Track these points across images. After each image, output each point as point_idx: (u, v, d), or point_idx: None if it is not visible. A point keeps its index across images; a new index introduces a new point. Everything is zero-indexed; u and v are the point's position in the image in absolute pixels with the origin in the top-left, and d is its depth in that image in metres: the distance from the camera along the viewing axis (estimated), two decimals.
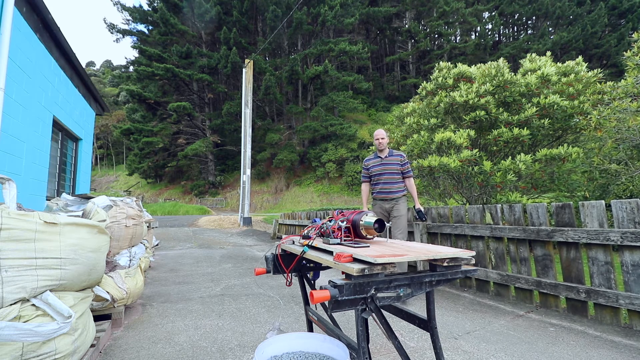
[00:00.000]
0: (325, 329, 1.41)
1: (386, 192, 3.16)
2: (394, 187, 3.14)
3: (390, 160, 3.19)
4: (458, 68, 5.27)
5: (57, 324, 1.34)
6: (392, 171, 3.16)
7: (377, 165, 3.23)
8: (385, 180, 3.17)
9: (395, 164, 3.17)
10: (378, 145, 3.22)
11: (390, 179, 3.16)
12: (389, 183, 3.15)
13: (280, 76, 32.14)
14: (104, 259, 1.82)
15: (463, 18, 37.59)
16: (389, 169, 3.17)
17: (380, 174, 3.20)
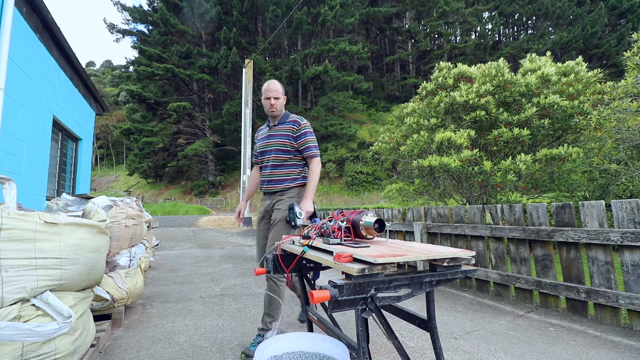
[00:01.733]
0: (325, 329, 1.41)
1: (268, 182, 2.07)
2: (278, 173, 2.04)
3: (277, 130, 2.06)
4: (458, 68, 5.27)
5: (57, 324, 1.34)
6: (279, 148, 2.03)
7: (263, 139, 2.13)
8: (268, 163, 2.07)
9: (284, 137, 2.02)
10: (269, 108, 2.06)
11: (276, 159, 2.04)
12: (272, 167, 2.06)
13: (280, 76, 32.11)
14: (104, 259, 1.82)
15: (463, 18, 37.58)
16: (274, 143, 2.04)
17: (264, 152, 2.10)
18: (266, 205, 2.09)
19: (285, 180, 2.03)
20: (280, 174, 2.04)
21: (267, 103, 2.05)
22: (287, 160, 2.05)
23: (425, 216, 3.80)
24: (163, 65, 29.35)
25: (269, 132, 2.11)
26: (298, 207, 1.77)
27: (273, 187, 2.05)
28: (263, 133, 2.17)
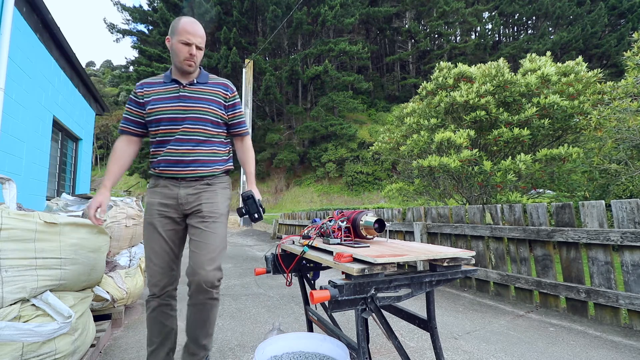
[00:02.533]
0: (325, 329, 1.41)
1: (183, 163, 1.47)
2: (203, 151, 1.50)
3: (198, 92, 1.50)
4: (458, 68, 5.28)
5: (57, 324, 1.34)
6: (206, 117, 1.50)
7: (170, 100, 1.47)
8: (183, 134, 1.47)
9: (212, 103, 1.52)
10: (185, 59, 1.44)
11: (199, 132, 1.49)
12: (192, 142, 1.48)
13: (280, 76, 32.13)
14: (104, 259, 1.82)
15: (463, 18, 37.56)
16: (196, 109, 1.48)
17: (172, 119, 1.46)
18: (181, 196, 1.45)
19: (213, 162, 1.51)
20: (207, 153, 1.49)
21: (184, 50, 1.41)
22: (215, 135, 1.52)
23: (425, 216, 3.80)
24: (163, 65, 29.33)
25: (180, 90, 1.46)
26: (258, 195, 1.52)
27: (195, 171, 1.46)
28: (165, 91, 1.47)
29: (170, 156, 1.47)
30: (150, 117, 1.48)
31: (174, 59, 1.48)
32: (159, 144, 1.49)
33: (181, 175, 1.48)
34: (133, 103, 1.52)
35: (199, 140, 1.50)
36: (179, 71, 1.51)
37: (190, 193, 1.50)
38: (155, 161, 1.49)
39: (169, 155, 1.48)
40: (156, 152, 1.50)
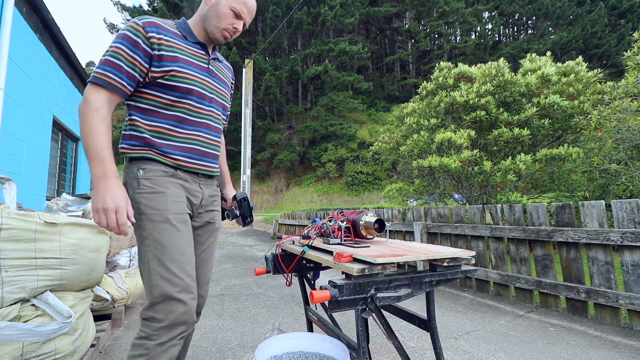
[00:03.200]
0: (325, 329, 1.41)
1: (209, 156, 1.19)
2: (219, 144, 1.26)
3: (222, 71, 1.26)
4: (458, 68, 5.28)
5: (57, 324, 1.34)
6: (226, 102, 1.28)
7: (201, 70, 1.13)
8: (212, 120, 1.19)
9: (228, 87, 1.29)
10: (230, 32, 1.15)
11: (220, 120, 1.25)
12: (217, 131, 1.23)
13: (280, 76, 32.13)
14: (104, 259, 1.82)
15: (463, 18, 37.57)
16: (222, 93, 1.24)
17: (204, 96, 1.13)
18: (205, 196, 1.18)
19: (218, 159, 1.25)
20: (219, 148, 1.25)
21: (230, 19, 1.11)
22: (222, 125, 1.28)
23: (425, 216, 3.80)
24: None
25: (209, 62, 1.16)
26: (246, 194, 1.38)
27: (214, 169, 1.21)
28: (193, 54, 1.11)
29: (197, 145, 1.11)
30: (173, 82, 1.03)
31: (211, 21, 1.11)
32: (176, 122, 1.06)
33: (203, 172, 1.15)
34: (138, 50, 0.98)
35: (220, 130, 1.24)
36: (205, 36, 1.15)
37: (211, 195, 1.23)
38: (168, 144, 1.05)
39: (196, 144, 1.11)
40: (169, 132, 1.05)
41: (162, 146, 1.06)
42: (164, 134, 1.07)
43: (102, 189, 0.91)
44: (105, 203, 0.90)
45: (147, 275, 0.99)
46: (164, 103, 1.06)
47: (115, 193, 0.91)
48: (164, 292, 0.96)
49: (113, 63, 0.97)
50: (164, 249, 0.99)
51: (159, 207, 1.01)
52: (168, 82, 1.04)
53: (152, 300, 0.97)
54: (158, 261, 0.98)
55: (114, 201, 0.91)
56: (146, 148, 1.05)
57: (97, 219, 0.91)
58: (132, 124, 1.05)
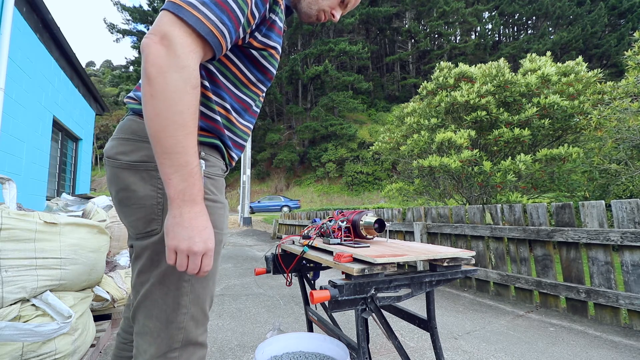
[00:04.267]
0: (325, 329, 1.41)
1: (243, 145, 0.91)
2: None
3: None
4: (459, 68, 5.28)
5: (57, 324, 1.34)
6: None
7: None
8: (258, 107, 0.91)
9: None
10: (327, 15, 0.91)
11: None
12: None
13: (280, 76, 32.12)
14: (104, 259, 1.82)
15: (463, 18, 37.58)
16: None
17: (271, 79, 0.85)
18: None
19: None
20: None
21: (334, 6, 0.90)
22: None
23: (425, 216, 3.80)
24: None
25: None
26: None
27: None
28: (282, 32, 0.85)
29: (245, 140, 0.89)
30: (268, 62, 0.80)
31: (314, 11, 0.88)
32: (243, 109, 0.83)
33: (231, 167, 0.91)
34: (265, 4, 0.70)
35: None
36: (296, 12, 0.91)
37: None
38: (230, 136, 0.82)
39: (245, 139, 0.89)
40: (232, 119, 0.80)
41: (229, 139, 0.81)
42: (233, 125, 0.81)
43: (187, 220, 0.61)
44: (193, 244, 0.61)
45: (170, 312, 0.70)
46: (243, 83, 0.79)
47: (205, 228, 0.63)
48: (187, 336, 0.71)
49: (230, 9, 0.62)
50: (208, 281, 0.74)
51: (218, 225, 0.74)
52: (262, 60, 0.77)
53: (170, 344, 0.69)
54: (195, 297, 0.72)
55: (205, 241, 0.63)
56: (213, 134, 0.77)
57: (175, 260, 0.63)
58: (202, 93, 0.72)
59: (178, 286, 0.71)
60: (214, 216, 0.72)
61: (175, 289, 0.71)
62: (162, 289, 0.70)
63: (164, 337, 0.70)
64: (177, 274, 0.70)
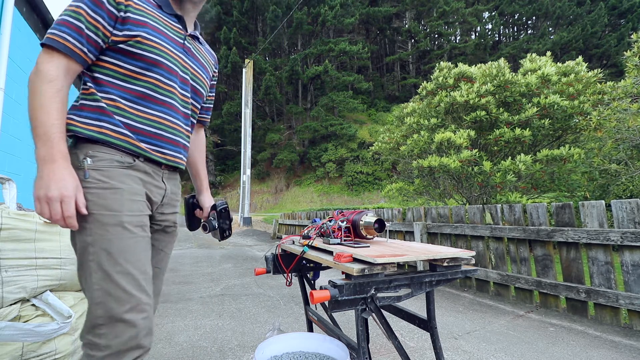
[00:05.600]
0: (325, 329, 1.41)
1: (174, 144, 0.99)
2: (188, 133, 1.07)
3: (201, 52, 1.11)
4: (459, 68, 5.28)
5: (57, 324, 1.34)
6: (202, 88, 1.09)
7: (175, 44, 0.96)
8: (181, 102, 1.00)
9: (208, 71, 1.13)
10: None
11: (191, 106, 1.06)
12: (186, 117, 1.03)
13: (280, 76, 32.14)
14: None
15: (463, 18, 37.59)
16: (199, 76, 1.06)
17: (175, 72, 0.96)
18: (168, 193, 1.01)
19: (187, 151, 1.08)
20: (188, 138, 1.07)
21: None
22: (197, 115, 1.11)
23: (425, 216, 3.80)
24: None
25: (185, 38, 1.01)
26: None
27: (182, 160, 1.03)
28: (166, 24, 0.96)
29: (163, 129, 0.94)
30: (139, 49, 0.87)
31: None
32: (139, 99, 0.89)
33: (169, 162, 0.97)
34: (102, 10, 0.83)
35: (189, 118, 1.05)
36: (180, 9, 1.02)
37: (174, 192, 1.05)
38: (129, 124, 0.88)
39: (163, 128, 0.94)
40: (130, 110, 0.88)
41: (122, 124, 0.87)
42: (124, 111, 0.88)
43: (46, 173, 0.75)
44: (49, 190, 0.74)
45: (88, 290, 0.80)
46: (126, 75, 0.88)
47: (62, 179, 0.75)
48: (108, 312, 0.78)
49: (72, 24, 0.80)
50: (113, 258, 0.81)
51: (112, 207, 0.83)
52: (132, 50, 0.87)
53: (93, 321, 0.79)
54: (103, 273, 0.79)
55: (59, 188, 0.75)
56: (101, 123, 0.85)
57: (39, 209, 0.75)
58: (85, 93, 0.86)
59: (87, 266, 0.81)
60: (105, 199, 0.83)
61: (87, 269, 0.81)
62: (80, 270, 0.83)
63: (89, 313, 0.81)
64: (85, 253, 0.81)
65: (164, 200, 1.00)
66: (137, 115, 0.89)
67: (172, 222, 1.06)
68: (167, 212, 1.04)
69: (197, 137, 1.25)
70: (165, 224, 1.04)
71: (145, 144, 0.91)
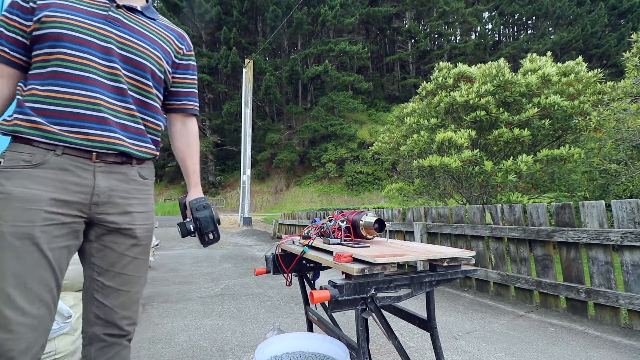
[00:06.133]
0: (325, 329, 1.41)
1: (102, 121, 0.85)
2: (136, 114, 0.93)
3: (146, 25, 0.97)
4: (458, 68, 5.28)
5: (57, 324, 1.34)
6: (147, 61, 0.92)
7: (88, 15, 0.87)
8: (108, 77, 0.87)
9: (161, 46, 0.98)
10: None
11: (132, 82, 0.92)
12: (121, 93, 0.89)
13: (280, 76, 32.15)
14: None
15: (463, 18, 37.60)
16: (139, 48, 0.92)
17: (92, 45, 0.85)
18: (100, 189, 0.87)
19: (146, 137, 0.97)
20: (140, 119, 0.95)
21: None
22: (154, 97, 0.98)
23: (425, 216, 3.80)
24: None
25: (110, 9, 0.91)
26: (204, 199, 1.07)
27: (118, 140, 0.88)
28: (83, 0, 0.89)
29: (86, 108, 0.83)
30: (42, 31, 0.82)
31: None
32: (52, 79, 0.82)
33: (98, 146, 0.84)
34: (15, 8, 0.85)
35: (132, 94, 0.92)
36: None
37: (122, 189, 0.91)
38: (41, 109, 0.81)
39: (84, 106, 0.83)
40: (44, 94, 0.82)
41: (32, 110, 0.81)
42: (36, 96, 0.82)
43: None
44: None
45: None
46: (38, 61, 0.85)
47: None
48: None
49: None
50: None
51: (7, 214, 0.76)
52: (39, 32, 0.83)
53: None
54: None
55: None
56: (13, 115, 0.83)
57: None
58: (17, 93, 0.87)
59: None
60: (4, 203, 0.78)
61: None
62: None
63: None
64: None
65: (100, 199, 0.86)
66: (48, 97, 0.82)
67: (126, 223, 0.91)
68: (112, 212, 0.89)
69: (184, 128, 1.14)
70: (114, 226, 0.90)
71: (60, 127, 0.81)
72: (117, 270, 0.91)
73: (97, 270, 0.91)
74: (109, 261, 0.91)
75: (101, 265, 0.91)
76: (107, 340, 0.91)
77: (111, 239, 0.91)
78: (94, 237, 0.90)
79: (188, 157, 1.13)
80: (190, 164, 1.13)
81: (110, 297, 0.91)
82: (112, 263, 0.91)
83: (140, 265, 0.96)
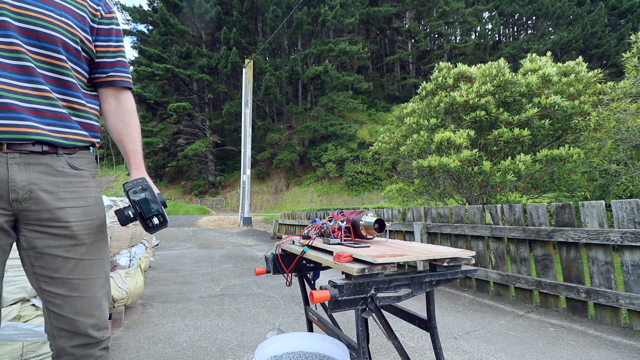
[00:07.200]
0: (325, 329, 1.41)
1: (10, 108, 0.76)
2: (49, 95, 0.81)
3: None
4: (458, 68, 5.28)
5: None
6: (53, 31, 0.80)
7: None
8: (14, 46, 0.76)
9: (71, 12, 0.84)
10: None
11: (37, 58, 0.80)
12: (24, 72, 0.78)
13: (280, 76, 32.15)
14: None
15: (463, 18, 37.59)
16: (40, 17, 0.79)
17: None
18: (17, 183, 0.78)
19: (74, 119, 0.88)
20: (66, 102, 0.86)
21: None
22: (73, 74, 0.87)
23: (425, 216, 3.80)
24: (163, 66, 29.39)
25: None
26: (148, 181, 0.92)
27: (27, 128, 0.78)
28: None
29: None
30: None
31: None
32: None
33: (9, 137, 0.76)
34: None
35: (41, 71, 0.81)
36: None
37: (37, 181, 0.80)
38: None
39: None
40: None
41: None
42: None
43: None
44: None
45: None
46: None
47: None
48: None
49: None
50: None
51: None
52: None
53: None
54: None
55: None
56: None
57: None
58: None
59: None
60: None
61: None
62: None
63: None
64: None
65: (20, 195, 0.77)
66: None
67: (56, 220, 0.82)
68: (37, 209, 0.79)
69: (118, 104, 0.99)
70: (43, 225, 0.81)
71: None
72: (64, 276, 0.82)
73: (43, 280, 0.82)
74: (52, 267, 0.82)
75: (45, 273, 0.82)
76: (75, 354, 0.83)
77: (45, 243, 0.81)
78: (27, 245, 0.82)
79: (125, 137, 0.98)
80: (129, 144, 0.98)
81: (66, 307, 0.82)
82: (56, 269, 0.82)
83: (91, 266, 0.86)
